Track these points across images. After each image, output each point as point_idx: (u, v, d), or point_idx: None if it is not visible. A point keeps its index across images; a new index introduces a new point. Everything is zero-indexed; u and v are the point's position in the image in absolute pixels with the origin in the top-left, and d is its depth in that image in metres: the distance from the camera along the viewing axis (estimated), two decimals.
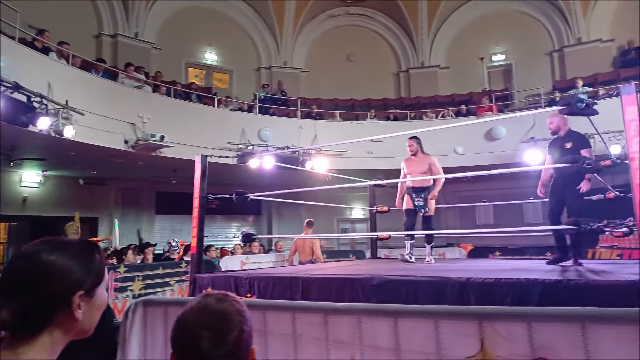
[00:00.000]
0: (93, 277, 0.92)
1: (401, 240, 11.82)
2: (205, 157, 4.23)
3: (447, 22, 14.58)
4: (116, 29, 12.06)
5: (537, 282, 2.49)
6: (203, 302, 1.03)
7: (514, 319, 1.48)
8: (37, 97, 6.40)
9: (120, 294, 5.33)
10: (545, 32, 13.76)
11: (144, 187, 12.33)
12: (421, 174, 5.05)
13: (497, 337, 1.47)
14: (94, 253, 0.94)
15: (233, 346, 0.98)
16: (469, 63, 14.47)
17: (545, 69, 13.51)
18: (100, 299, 0.96)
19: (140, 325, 2.11)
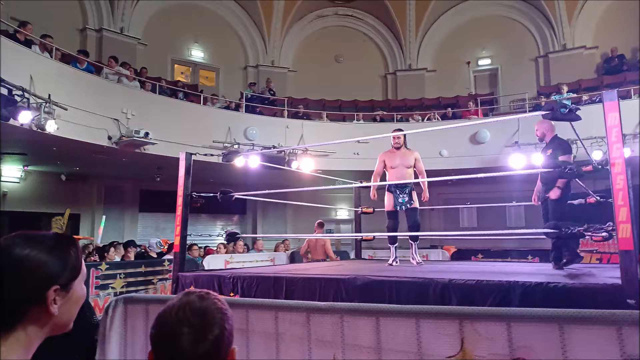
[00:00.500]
0: (68, 271, 0.90)
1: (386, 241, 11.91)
2: (190, 155, 4.20)
3: (435, 26, 14.72)
4: (101, 23, 11.89)
5: (517, 285, 2.53)
6: (184, 300, 1.02)
7: (494, 319, 1.50)
8: (19, 90, 6.27)
9: (101, 292, 5.26)
10: (531, 37, 13.98)
11: (128, 184, 12.18)
12: (407, 168, 4.85)
13: (477, 336, 1.49)
14: (69, 247, 0.93)
15: (213, 345, 0.97)
16: (456, 67, 14.63)
17: (530, 74, 13.73)
18: (77, 293, 0.94)
19: (121, 323, 2.08)
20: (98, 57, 11.14)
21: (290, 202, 7.56)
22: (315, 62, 14.80)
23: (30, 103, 6.45)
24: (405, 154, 4.92)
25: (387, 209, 4.89)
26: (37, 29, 8.40)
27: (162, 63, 13.01)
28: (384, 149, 11.40)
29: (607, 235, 2.54)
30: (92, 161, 9.47)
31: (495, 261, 4.74)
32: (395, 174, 4.87)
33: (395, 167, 4.87)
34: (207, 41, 14.06)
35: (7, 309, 0.84)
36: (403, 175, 4.82)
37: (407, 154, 4.93)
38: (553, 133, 4.08)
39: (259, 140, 10.29)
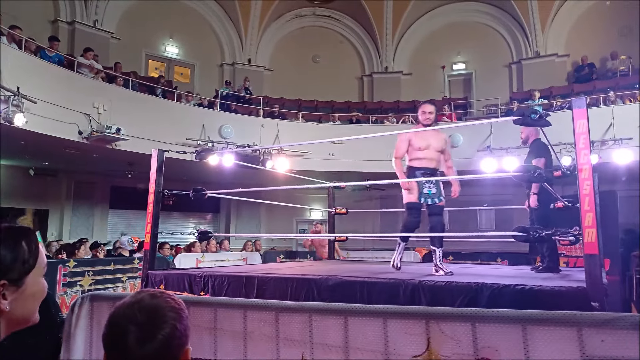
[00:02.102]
0: (19, 265, 0.86)
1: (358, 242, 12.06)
2: (162, 152, 4.14)
3: (411, 30, 14.92)
4: (74, 15, 11.58)
5: (485, 286, 2.57)
6: (135, 298, 0.99)
7: (459, 319, 1.53)
8: None
9: (69, 289, 5.14)
10: (506, 44, 14.32)
11: (98, 180, 11.91)
12: (438, 151, 3.85)
13: (443, 336, 1.51)
14: (20, 239, 0.88)
15: (162, 344, 0.93)
16: (431, 71, 14.86)
17: (503, 80, 14.07)
18: (32, 288, 0.90)
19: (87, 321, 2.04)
20: (70, 50, 10.85)
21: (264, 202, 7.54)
22: (292, 62, 14.80)
23: None
24: (435, 133, 3.89)
25: (407, 200, 3.82)
26: (7, 19, 8.14)
27: (136, 58, 12.77)
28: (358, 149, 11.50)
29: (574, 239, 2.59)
30: (62, 156, 9.24)
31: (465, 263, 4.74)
32: (422, 157, 3.82)
33: (425, 149, 3.82)
34: (182, 37, 13.87)
35: None
36: (435, 159, 3.84)
37: (436, 133, 3.91)
38: (535, 137, 4.09)
39: (234, 138, 10.23)
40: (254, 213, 13.61)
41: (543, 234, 2.73)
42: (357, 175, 10.64)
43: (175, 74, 13.85)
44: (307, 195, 13.03)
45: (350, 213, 6.23)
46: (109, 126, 8.15)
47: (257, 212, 13.56)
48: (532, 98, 11.56)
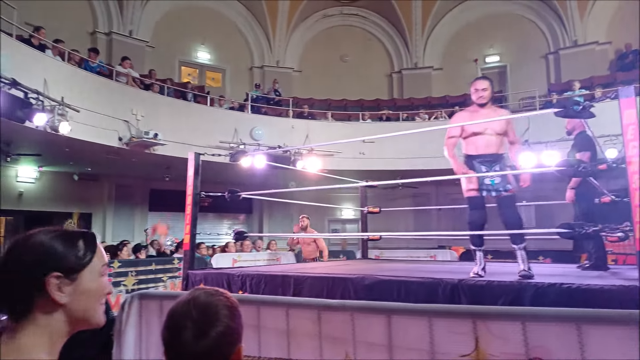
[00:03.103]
0: (72, 259, 0.90)
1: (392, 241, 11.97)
2: (198, 155, 4.25)
3: (441, 23, 14.66)
4: (111, 26, 12.03)
5: (530, 285, 2.49)
6: (192, 295, 1.03)
7: (508, 318, 1.49)
8: (34, 93, 6.41)
9: (114, 289, 5.39)
10: (541, 34, 13.85)
11: (138, 183, 12.32)
12: (497, 134, 3.32)
13: (491, 336, 1.48)
14: (77, 238, 0.93)
15: (216, 341, 0.96)
16: (463, 65, 14.54)
17: (540, 72, 13.60)
18: (88, 284, 0.93)
19: (136, 318, 2.13)
20: (108, 59, 11.28)
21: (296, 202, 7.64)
22: (321, 62, 14.84)
23: (45, 106, 6.58)
24: (493, 113, 3.37)
25: (467, 193, 3.36)
26: (50, 32, 8.54)
27: (170, 65, 13.13)
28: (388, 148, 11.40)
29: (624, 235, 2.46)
30: (103, 161, 9.61)
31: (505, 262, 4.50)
32: (479, 143, 3.33)
33: (482, 133, 3.32)
34: (213, 43, 14.16)
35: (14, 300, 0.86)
36: (492, 145, 3.31)
37: (494, 113, 3.38)
38: (581, 129, 3.93)
39: (265, 140, 10.37)
40: (286, 213, 13.74)
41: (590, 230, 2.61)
42: (389, 174, 10.58)
43: (207, 79, 14.16)
44: (339, 195, 13.05)
45: (383, 212, 6.21)
46: (147, 132, 8.44)
47: (289, 212, 13.68)
48: (572, 89, 11.14)
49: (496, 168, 3.26)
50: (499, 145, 3.34)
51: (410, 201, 12.71)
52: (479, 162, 3.31)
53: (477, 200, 3.31)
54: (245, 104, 11.51)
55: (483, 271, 3.23)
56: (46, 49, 7.85)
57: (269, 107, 12.03)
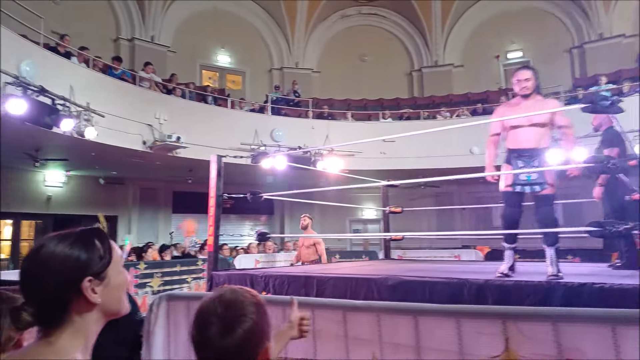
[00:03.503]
0: (96, 261, 0.93)
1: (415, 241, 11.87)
2: (220, 158, 4.28)
3: (462, 20, 14.47)
4: (133, 32, 12.30)
5: (559, 285, 2.42)
6: (218, 292, 1.04)
7: (539, 319, 1.46)
8: (61, 99, 6.59)
9: (140, 290, 5.48)
10: (564, 28, 13.54)
11: (161, 186, 12.55)
12: (538, 126, 3.10)
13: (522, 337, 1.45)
14: (92, 239, 0.95)
15: (243, 337, 0.96)
16: (485, 61, 14.33)
17: (564, 66, 13.30)
18: (115, 279, 0.96)
19: (164, 319, 2.16)
20: (131, 65, 11.52)
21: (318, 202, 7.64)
22: (340, 62, 14.82)
23: (71, 111, 6.76)
24: (536, 105, 3.13)
25: (502, 188, 3.26)
26: (74, 40, 8.78)
27: (191, 69, 13.34)
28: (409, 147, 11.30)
29: None
30: (128, 165, 9.81)
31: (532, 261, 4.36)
32: (517, 137, 3.16)
33: (520, 127, 3.14)
34: (233, 46, 14.31)
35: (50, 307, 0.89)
36: (531, 138, 3.11)
37: (537, 105, 3.14)
38: (608, 124, 3.79)
39: (285, 141, 10.41)
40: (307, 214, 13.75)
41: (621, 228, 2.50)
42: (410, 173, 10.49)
43: (228, 82, 14.31)
44: (360, 195, 13.00)
45: (405, 211, 6.16)
46: (170, 135, 8.58)
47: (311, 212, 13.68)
48: (598, 83, 10.85)
49: (534, 163, 3.07)
50: (541, 138, 3.12)
51: (433, 200, 12.57)
52: (515, 157, 3.16)
53: (511, 196, 3.17)
54: (265, 106, 11.59)
55: (511, 270, 3.12)
56: (72, 56, 8.06)
57: (288, 108, 12.09)
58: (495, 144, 3.39)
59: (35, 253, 0.91)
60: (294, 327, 1.40)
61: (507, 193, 3.20)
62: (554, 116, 3.13)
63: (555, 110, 3.12)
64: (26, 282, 0.91)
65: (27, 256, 0.93)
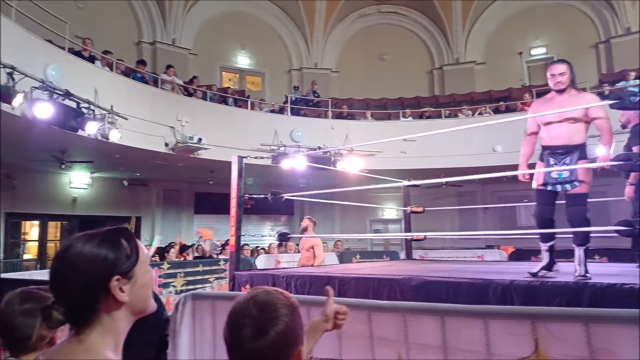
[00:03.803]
0: (124, 260, 0.94)
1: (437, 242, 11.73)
2: (241, 158, 4.30)
3: (483, 17, 14.27)
4: (155, 36, 12.52)
5: (587, 286, 2.37)
6: (252, 293, 1.04)
7: (569, 320, 1.44)
8: (85, 103, 6.73)
9: (164, 290, 5.55)
10: (590, 23, 13.23)
11: (183, 187, 12.74)
12: (572, 122, 2.99)
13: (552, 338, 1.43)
14: (119, 238, 0.96)
15: (276, 340, 0.95)
16: (507, 58, 14.12)
17: (590, 62, 12.98)
18: (142, 278, 0.97)
19: (190, 319, 2.18)
20: (153, 68, 11.71)
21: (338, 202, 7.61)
22: (359, 62, 14.79)
23: (95, 114, 6.90)
24: (570, 100, 3.02)
25: (534, 185, 3.19)
26: (98, 44, 8.97)
27: (212, 71, 13.51)
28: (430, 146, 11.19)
29: None
30: (151, 167, 9.98)
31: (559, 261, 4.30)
32: (550, 133, 3.08)
33: (553, 122, 3.05)
34: (252, 47, 14.43)
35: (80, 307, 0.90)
36: (563, 134, 3.02)
37: (572, 100, 3.02)
38: (637, 121, 3.63)
39: (305, 141, 10.42)
40: (327, 214, 13.77)
41: None
42: (431, 172, 10.39)
43: (247, 83, 14.45)
44: (380, 195, 12.94)
45: (426, 211, 6.09)
46: (191, 137, 8.69)
47: (331, 213, 13.69)
48: (626, 79, 10.55)
49: (566, 160, 2.99)
50: (574, 134, 3.01)
51: (455, 200, 12.42)
52: (548, 154, 3.08)
53: (542, 194, 3.11)
54: (285, 107, 11.63)
55: (546, 270, 3.05)
56: (95, 60, 8.23)
57: (308, 108, 12.10)
58: (531, 143, 3.31)
59: (63, 253, 0.93)
60: (329, 320, 1.38)
61: (539, 191, 3.13)
62: (588, 111, 2.99)
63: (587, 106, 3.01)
64: (56, 282, 0.92)
65: (56, 256, 0.95)
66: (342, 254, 9.78)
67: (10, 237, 10.21)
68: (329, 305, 1.37)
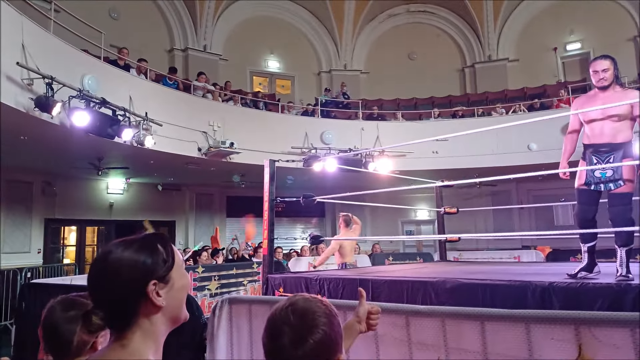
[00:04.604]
0: (161, 265, 0.96)
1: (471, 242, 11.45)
2: (273, 162, 4.32)
3: (515, 13, 13.92)
4: (186, 43, 12.81)
5: (630, 288, 2.29)
6: (291, 300, 1.03)
7: (615, 325, 1.40)
8: (121, 110, 6.92)
9: (199, 293, 5.64)
10: (627, 15, 12.70)
11: (216, 191, 12.94)
12: (615, 121, 2.92)
13: (597, 342, 1.41)
14: (155, 244, 0.98)
15: (314, 348, 0.95)
16: (541, 54, 13.71)
17: (628, 56, 12.42)
18: (178, 282, 0.99)
19: (227, 322, 2.21)
20: (185, 74, 11.97)
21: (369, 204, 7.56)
22: (388, 62, 14.67)
23: (131, 121, 7.09)
24: (614, 96, 2.95)
25: (577, 184, 3.10)
26: (132, 53, 9.23)
27: (242, 76, 13.68)
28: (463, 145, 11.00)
29: None
30: (184, 171, 10.18)
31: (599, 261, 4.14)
32: (593, 131, 3.02)
33: (596, 120, 2.98)
34: (281, 51, 14.54)
35: (119, 311, 0.93)
36: (607, 132, 2.94)
37: (616, 96, 2.94)
38: None
39: (335, 143, 10.40)
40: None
41: None
42: (464, 172, 10.18)
43: (277, 87, 14.56)
44: (412, 196, 12.77)
45: (460, 211, 5.96)
46: (224, 141, 8.81)
47: (362, 214, 13.54)
48: None
49: (610, 159, 2.90)
50: (618, 132, 2.93)
51: (489, 200, 12.13)
52: (590, 152, 3.01)
53: (585, 193, 3.04)
54: (315, 109, 11.65)
55: (584, 272, 2.96)
56: (130, 68, 8.46)
57: (338, 110, 12.08)
58: (573, 140, 3.24)
59: (103, 258, 0.95)
60: (361, 321, 1.37)
61: (580, 190, 3.06)
62: (633, 108, 2.91)
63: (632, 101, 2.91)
64: (96, 286, 0.95)
65: (95, 261, 0.98)
66: (374, 256, 9.69)
67: (51, 242, 10.59)
68: (362, 305, 1.35)
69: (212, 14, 13.02)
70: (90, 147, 7.57)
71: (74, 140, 6.83)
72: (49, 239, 10.47)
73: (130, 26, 11.38)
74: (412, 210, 13.35)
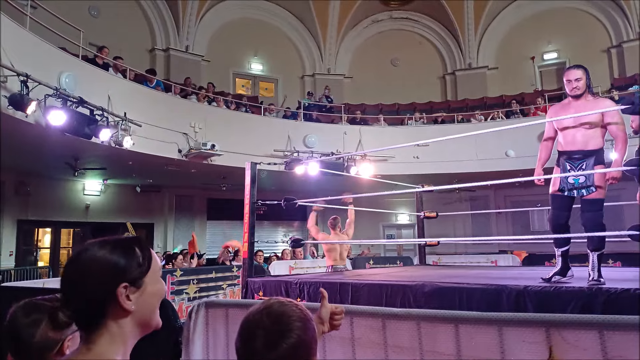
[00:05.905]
0: (134, 268, 0.94)
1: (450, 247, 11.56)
2: (255, 165, 4.31)
3: (495, 22, 14.23)
4: (168, 43, 12.67)
5: (601, 291, 2.36)
6: (266, 304, 1.03)
7: (583, 327, 1.43)
8: (99, 110, 6.80)
9: (176, 297, 5.56)
10: (602, 28, 13.13)
11: (196, 193, 12.77)
12: (587, 128, 3.02)
13: (566, 345, 1.43)
14: (132, 246, 0.97)
15: (287, 353, 0.94)
16: (520, 63, 14.04)
17: (602, 67, 12.86)
18: (151, 288, 0.97)
19: (203, 326, 2.19)
20: (166, 75, 11.82)
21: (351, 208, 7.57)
22: (371, 67, 14.79)
23: (109, 121, 6.96)
24: (587, 105, 3.04)
25: (551, 190, 3.19)
26: (111, 51, 9.08)
27: (225, 77, 13.60)
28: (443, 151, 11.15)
29: None
30: (164, 173, 10.03)
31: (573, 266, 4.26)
32: (566, 138, 3.11)
33: (569, 128, 3.08)
34: (265, 53, 14.51)
35: (86, 311, 0.91)
36: (580, 139, 3.04)
37: (590, 105, 3.03)
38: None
39: (318, 147, 10.40)
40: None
41: None
42: (444, 177, 10.31)
43: (261, 90, 14.51)
44: (393, 200, 12.86)
45: (440, 216, 6.03)
46: (205, 143, 8.71)
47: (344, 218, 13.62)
48: (638, 83, 10.42)
49: (582, 166, 3.01)
50: (590, 139, 3.03)
51: (468, 205, 12.30)
52: (564, 159, 3.10)
53: (558, 199, 3.14)
54: (298, 112, 11.64)
55: (558, 276, 3.04)
56: (109, 67, 8.32)
57: (321, 114, 12.11)
58: (548, 148, 3.35)
59: (77, 257, 0.94)
60: (324, 322, 1.35)
61: (554, 196, 3.16)
62: (604, 116, 3.02)
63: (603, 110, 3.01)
64: (67, 284, 0.94)
65: (70, 259, 0.96)
66: (355, 259, 9.72)
67: (23, 244, 10.29)
68: (324, 306, 1.35)
69: (195, 14, 12.91)
70: (66, 147, 7.40)
71: (49, 139, 6.67)
72: (21, 240, 10.18)
73: (111, 24, 11.19)
74: (393, 214, 13.44)
